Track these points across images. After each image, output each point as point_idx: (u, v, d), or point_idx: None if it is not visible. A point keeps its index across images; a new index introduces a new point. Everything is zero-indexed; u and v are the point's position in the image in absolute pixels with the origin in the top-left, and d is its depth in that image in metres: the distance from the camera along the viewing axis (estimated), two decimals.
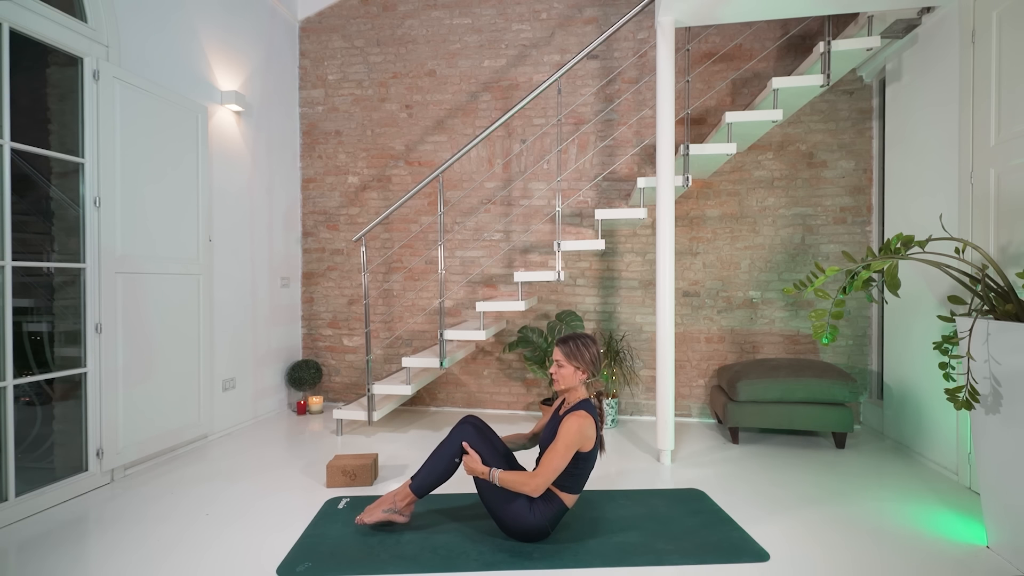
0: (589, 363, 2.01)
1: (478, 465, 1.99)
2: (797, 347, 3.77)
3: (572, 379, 2.02)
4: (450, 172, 4.10)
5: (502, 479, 1.93)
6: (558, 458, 1.89)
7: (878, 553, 1.96)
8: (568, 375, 2.02)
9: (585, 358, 2.01)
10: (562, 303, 4.02)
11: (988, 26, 2.45)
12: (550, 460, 1.89)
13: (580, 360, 2.01)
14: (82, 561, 1.93)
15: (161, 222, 2.94)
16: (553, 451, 1.90)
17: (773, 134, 3.74)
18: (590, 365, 2.01)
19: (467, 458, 2.02)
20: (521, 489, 1.90)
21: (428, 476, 2.09)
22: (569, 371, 2.02)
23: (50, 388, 2.58)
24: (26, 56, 2.39)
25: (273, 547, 2.01)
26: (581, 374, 2.02)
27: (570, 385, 2.03)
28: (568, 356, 2.02)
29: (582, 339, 2.04)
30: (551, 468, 1.89)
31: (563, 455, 1.89)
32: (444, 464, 2.09)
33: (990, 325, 1.84)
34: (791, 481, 2.66)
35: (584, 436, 1.91)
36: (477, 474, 1.99)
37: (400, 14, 4.19)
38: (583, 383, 2.05)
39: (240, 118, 3.66)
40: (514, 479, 1.91)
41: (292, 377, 4.13)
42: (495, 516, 2.03)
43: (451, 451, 2.09)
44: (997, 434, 1.87)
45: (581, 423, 1.91)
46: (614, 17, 3.91)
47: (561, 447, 1.89)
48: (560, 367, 2.03)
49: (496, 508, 2.00)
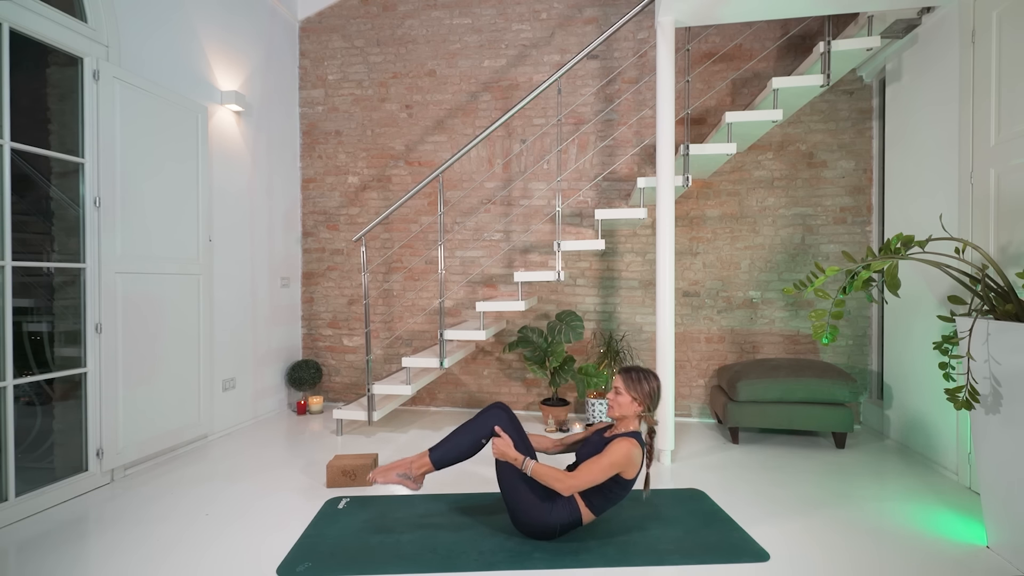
0: (647, 396, 2.03)
1: (511, 450, 1.98)
2: (797, 347, 3.77)
3: (628, 408, 2.03)
4: (450, 172, 4.10)
5: (536, 470, 1.92)
6: (599, 471, 1.90)
7: (878, 553, 1.96)
8: (625, 403, 2.03)
9: (644, 390, 2.02)
10: (562, 303, 4.02)
11: (988, 26, 2.45)
12: (590, 470, 1.90)
13: (639, 392, 2.02)
14: (82, 561, 1.93)
15: (161, 222, 2.94)
16: (596, 463, 1.91)
17: (773, 134, 3.74)
18: (647, 398, 2.02)
19: (500, 441, 2.00)
20: (553, 484, 1.89)
21: (451, 450, 2.08)
22: (626, 400, 2.03)
23: (50, 388, 2.57)
24: (26, 56, 2.39)
25: (273, 547, 2.01)
26: (637, 405, 2.03)
27: (625, 414, 2.05)
28: (628, 386, 2.04)
29: (644, 372, 2.06)
30: (589, 477, 1.90)
31: (605, 470, 1.90)
32: (469, 442, 2.08)
33: (990, 325, 1.84)
34: (791, 481, 2.66)
35: (631, 462, 1.92)
36: (508, 459, 1.97)
37: (400, 14, 4.19)
38: (636, 415, 2.05)
39: (240, 118, 3.66)
40: (548, 472, 1.91)
41: (292, 377, 4.13)
42: (511, 504, 2.01)
43: (480, 432, 2.07)
44: (997, 434, 1.87)
45: (632, 449, 1.92)
46: (614, 17, 3.92)
47: (606, 462, 1.90)
48: (618, 394, 2.05)
49: (515, 498, 1.99)
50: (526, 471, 1.94)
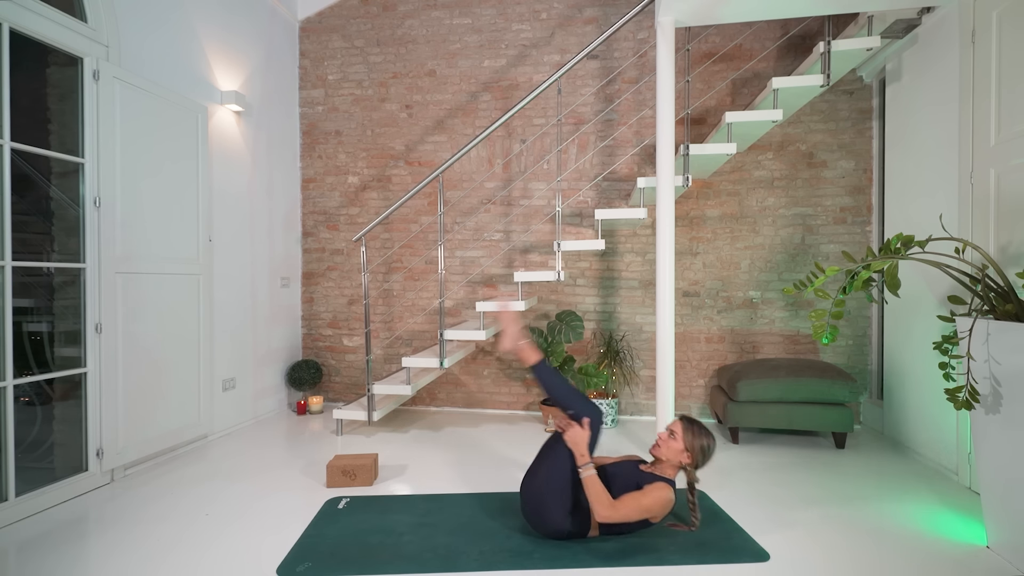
0: (699, 451, 2.02)
1: (583, 445, 1.97)
2: (797, 347, 3.77)
3: (675, 455, 2.03)
4: (450, 172, 4.10)
5: (590, 479, 1.92)
6: (636, 510, 1.91)
7: (878, 553, 1.96)
8: (675, 450, 2.03)
9: (699, 445, 2.02)
10: (562, 303, 4.02)
11: (988, 26, 2.45)
12: (630, 507, 1.91)
13: (694, 445, 2.02)
14: (82, 561, 1.93)
15: (161, 222, 2.93)
16: (636, 502, 1.92)
17: (773, 134, 3.74)
18: (697, 454, 2.02)
19: (580, 432, 1.99)
20: (595, 501, 1.89)
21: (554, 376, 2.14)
22: (678, 447, 2.02)
23: (50, 388, 2.57)
24: (26, 56, 2.39)
25: (273, 547, 2.01)
26: (685, 457, 2.03)
27: (669, 458, 2.04)
28: (686, 435, 2.03)
29: (705, 429, 2.06)
30: (624, 512, 1.91)
31: (642, 511, 1.93)
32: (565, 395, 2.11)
33: (990, 325, 1.84)
34: (791, 481, 2.66)
35: (664, 509, 1.96)
36: (577, 451, 1.96)
37: (400, 14, 4.19)
38: (678, 465, 2.05)
39: (240, 118, 3.66)
40: (597, 490, 1.91)
41: (292, 377, 4.13)
42: (538, 494, 1.99)
43: (576, 404, 2.08)
44: (997, 434, 1.86)
45: (671, 497, 1.95)
46: (614, 17, 3.91)
47: (646, 504, 1.92)
48: (672, 438, 2.04)
49: (546, 489, 1.98)
50: (583, 473, 1.93)
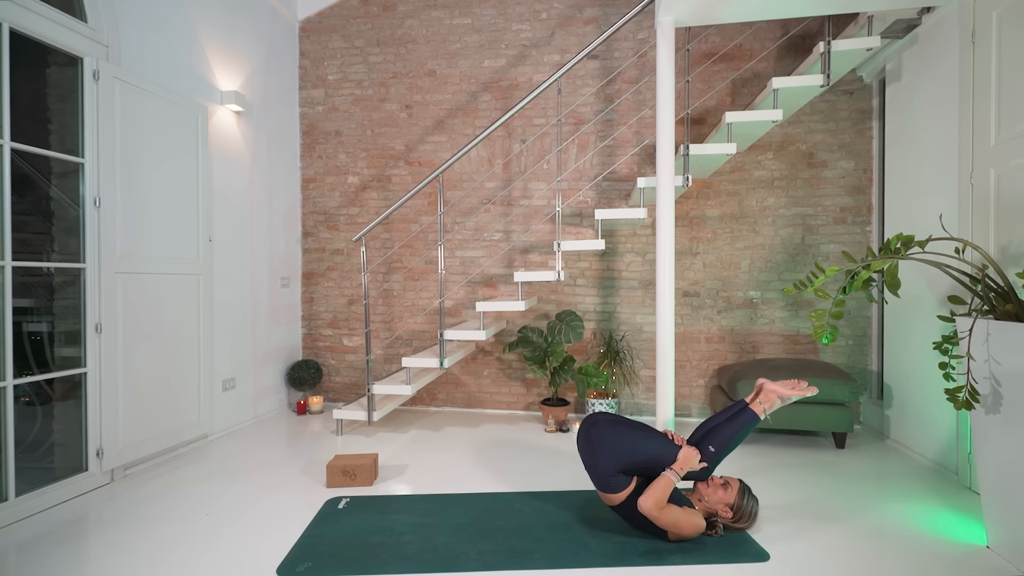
0: (740, 513, 2.09)
1: (694, 464, 2.04)
2: (797, 347, 3.77)
3: (716, 504, 2.09)
4: (450, 172, 4.10)
5: (668, 481, 1.97)
6: (670, 522, 1.96)
7: (878, 553, 1.96)
8: (720, 499, 2.09)
9: (744, 509, 2.08)
10: (562, 303, 4.02)
11: (988, 26, 2.44)
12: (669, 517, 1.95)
13: (739, 506, 2.08)
14: (82, 561, 1.93)
15: (161, 222, 2.94)
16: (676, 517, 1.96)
17: (773, 134, 3.73)
18: (738, 514, 2.08)
19: (695, 454, 2.05)
20: (650, 494, 1.93)
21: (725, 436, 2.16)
22: (726, 499, 2.09)
23: (50, 388, 2.57)
24: (26, 56, 2.39)
25: (273, 547, 2.01)
26: (726, 511, 2.08)
27: (709, 501, 2.10)
28: (739, 496, 2.09)
29: (755, 501, 2.13)
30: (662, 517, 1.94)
31: (672, 525, 1.96)
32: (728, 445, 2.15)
33: (990, 325, 1.84)
34: (791, 481, 2.66)
35: (689, 533, 2.00)
36: (682, 462, 2.02)
37: (400, 14, 4.19)
38: (713, 513, 2.10)
39: (240, 118, 3.66)
40: (663, 493, 1.95)
41: (292, 377, 4.13)
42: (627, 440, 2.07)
43: (721, 453, 2.13)
44: (997, 434, 1.86)
45: (700, 528, 2.01)
46: (614, 17, 3.91)
47: (682, 523, 1.97)
48: (725, 490, 2.10)
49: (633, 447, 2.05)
50: (668, 472, 1.99)
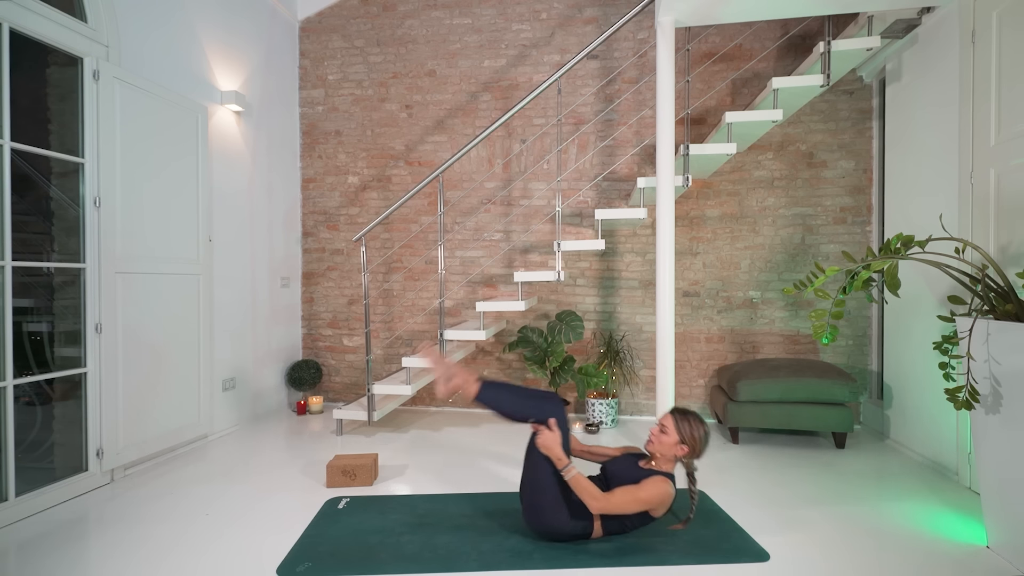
0: (697, 442, 1.98)
1: (557, 447, 1.91)
2: (797, 347, 3.77)
3: (669, 449, 1.99)
4: (450, 172, 4.10)
5: (577, 477, 1.89)
6: (633, 503, 1.89)
7: (878, 553, 1.96)
8: (668, 444, 1.99)
9: (695, 435, 1.98)
10: (562, 303, 4.02)
11: (988, 26, 2.45)
12: (624, 498, 1.89)
13: (688, 435, 1.97)
14: (82, 561, 1.93)
15: (161, 222, 2.93)
16: (633, 494, 1.89)
17: (773, 134, 3.74)
18: (698, 444, 1.98)
19: (550, 436, 1.93)
20: (586, 499, 1.87)
21: (501, 398, 2.04)
22: (672, 440, 1.98)
23: (50, 388, 2.57)
24: (26, 56, 2.39)
25: (273, 547, 2.01)
26: (680, 449, 1.98)
27: (664, 453, 2.01)
28: (678, 426, 1.99)
29: (696, 417, 2.01)
30: (620, 504, 1.89)
31: (638, 503, 1.90)
32: (520, 408, 2.03)
33: (990, 325, 1.84)
34: (791, 481, 2.66)
35: (663, 503, 1.94)
36: (552, 455, 1.91)
37: (400, 14, 4.19)
38: (674, 458, 2.01)
39: (240, 118, 3.66)
40: (586, 486, 1.89)
41: (292, 377, 4.13)
42: (532, 500, 1.98)
43: (534, 410, 2.01)
44: (997, 434, 1.86)
45: (669, 491, 1.93)
46: (614, 17, 3.92)
47: (642, 496, 1.90)
48: (664, 432, 2.00)
49: (539, 495, 1.96)
50: (566, 475, 1.91)
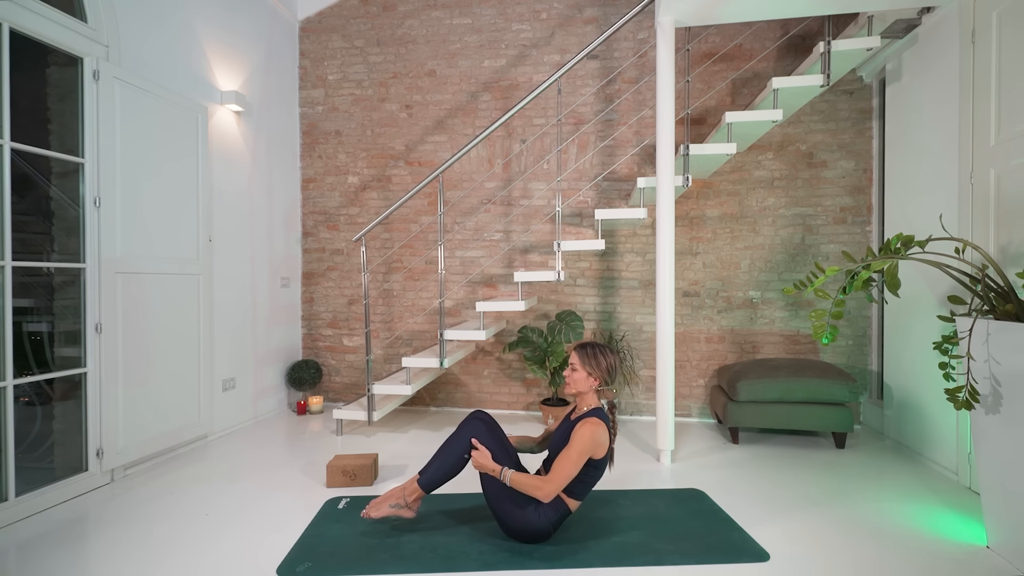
0: (604, 371, 2.02)
1: (488, 462, 1.96)
2: (797, 347, 3.77)
3: (584, 384, 2.03)
4: (450, 172, 4.10)
5: (514, 480, 1.91)
6: (570, 465, 1.88)
7: (878, 553, 1.96)
8: (580, 379, 2.03)
9: (601, 366, 2.02)
10: (562, 303, 4.02)
11: (988, 26, 2.45)
12: (562, 467, 1.88)
13: (595, 367, 2.02)
14: (82, 561, 1.93)
15: (161, 222, 2.94)
16: (566, 458, 1.89)
17: (773, 134, 3.73)
18: (604, 373, 2.02)
19: (477, 454, 1.98)
20: (533, 493, 1.88)
21: (437, 472, 2.07)
22: (582, 376, 2.02)
23: (50, 388, 2.57)
24: (26, 56, 2.39)
25: (273, 547, 2.01)
26: (593, 380, 2.02)
27: (581, 390, 2.04)
28: (583, 361, 2.03)
29: (600, 347, 2.05)
30: (563, 475, 1.88)
31: (575, 462, 1.89)
32: (453, 460, 2.06)
33: (990, 325, 1.84)
34: (791, 481, 2.66)
35: (597, 443, 1.91)
36: (487, 471, 1.96)
37: (400, 14, 4.19)
38: (594, 390, 2.04)
39: (240, 118, 3.66)
40: (526, 481, 1.90)
41: (292, 377, 4.13)
42: (498, 516, 2.02)
43: (461, 447, 2.05)
44: (997, 434, 1.86)
45: (595, 430, 1.90)
46: (614, 17, 3.91)
47: (574, 454, 1.88)
48: (573, 371, 2.04)
49: (500, 508, 1.99)
50: (505, 481, 1.92)
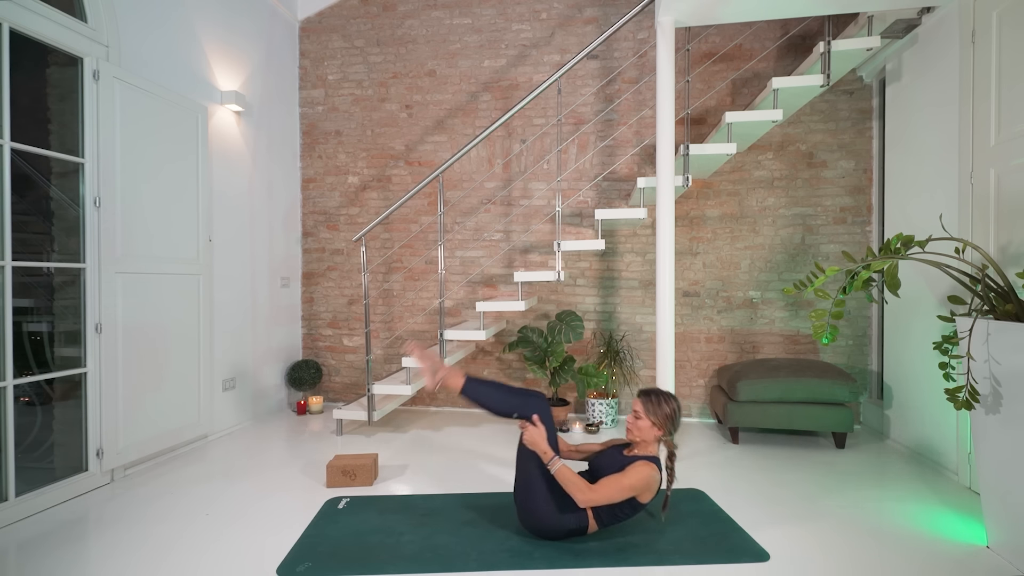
0: (666, 419, 2.01)
1: (542, 442, 1.95)
2: (797, 347, 3.77)
3: (648, 433, 2.01)
4: (450, 172, 4.10)
5: (561, 471, 1.91)
6: (617, 490, 1.90)
7: (878, 553, 1.96)
8: (645, 428, 2.01)
9: (663, 413, 2.00)
10: (562, 303, 4.02)
11: (988, 26, 2.45)
12: (610, 487, 1.90)
13: (659, 415, 2.01)
14: (82, 561, 1.93)
15: (161, 222, 2.93)
16: (616, 482, 1.91)
17: (773, 134, 3.73)
18: (667, 421, 2.01)
19: (535, 431, 1.97)
20: (573, 492, 1.89)
21: (486, 394, 2.08)
22: (646, 424, 2.01)
23: (50, 388, 2.58)
24: (26, 56, 2.39)
25: (273, 547, 2.01)
26: (657, 430, 2.01)
27: (645, 439, 2.03)
28: (648, 410, 2.02)
29: (664, 395, 2.04)
30: (607, 494, 1.90)
31: (623, 491, 1.91)
32: (504, 404, 2.06)
33: (990, 325, 1.84)
34: (791, 481, 2.66)
35: (648, 487, 1.94)
36: (538, 450, 1.94)
37: (400, 14, 4.19)
38: (657, 440, 2.04)
39: (240, 118, 3.66)
40: (572, 479, 1.91)
41: (292, 377, 4.13)
42: (525, 499, 2.00)
43: (518, 407, 2.05)
44: (997, 434, 1.86)
45: (653, 475, 1.93)
46: (614, 17, 3.91)
47: (626, 484, 1.90)
48: (638, 418, 2.03)
49: (531, 493, 1.98)
50: (551, 468, 1.93)
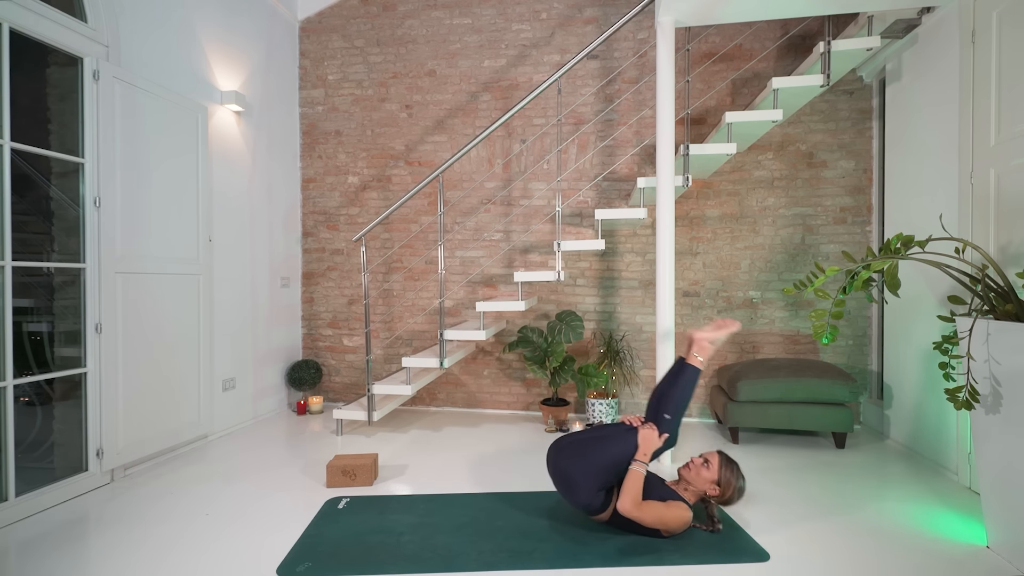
0: (732, 491, 2.09)
1: (652, 448, 2.08)
2: (797, 347, 3.77)
3: (703, 484, 2.10)
4: (450, 172, 4.10)
5: (637, 473, 2.02)
6: (657, 519, 1.98)
7: (878, 553, 1.96)
8: (705, 478, 2.09)
9: (731, 483, 2.08)
10: (562, 303, 4.02)
11: (988, 26, 2.45)
12: (653, 513, 1.98)
13: (726, 480, 2.08)
14: (82, 561, 1.93)
15: (161, 222, 2.93)
16: (660, 513, 1.99)
17: (773, 134, 3.73)
18: (725, 487, 2.09)
19: (654, 435, 2.10)
20: (625, 493, 1.98)
21: (691, 386, 2.23)
22: (710, 476, 2.09)
23: (50, 388, 2.57)
24: (26, 56, 2.39)
25: (273, 547, 2.01)
26: (713, 486, 2.08)
27: (695, 484, 2.11)
28: (723, 469, 2.09)
29: (739, 470, 2.13)
30: (646, 515, 1.97)
31: (659, 522, 1.99)
32: (679, 403, 2.20)
33: (990, 325, 1.84)
34: (791, 481, 2.66)
35: (679, 529, 2.02)
36: (644, 448, 2.07)
37: (400, 14, 4.19)
38: (702, 494, 2.12)
39: (240, 118, 3.66)
40: (636, 486, 2.00)
41: (292, 377, 4.13)
42: (580, 455, 2.10)
43: (675, 415, 2.18)
44: (997, 434, 1.86)
45: (687, 521, 2.01)
46: (614, 17, 3.91)
47: (667, 518, 1.99)
48: (707, 467, 2.11)
49: (592, 458, 2.07)
50: (635, 465, 2.03)
